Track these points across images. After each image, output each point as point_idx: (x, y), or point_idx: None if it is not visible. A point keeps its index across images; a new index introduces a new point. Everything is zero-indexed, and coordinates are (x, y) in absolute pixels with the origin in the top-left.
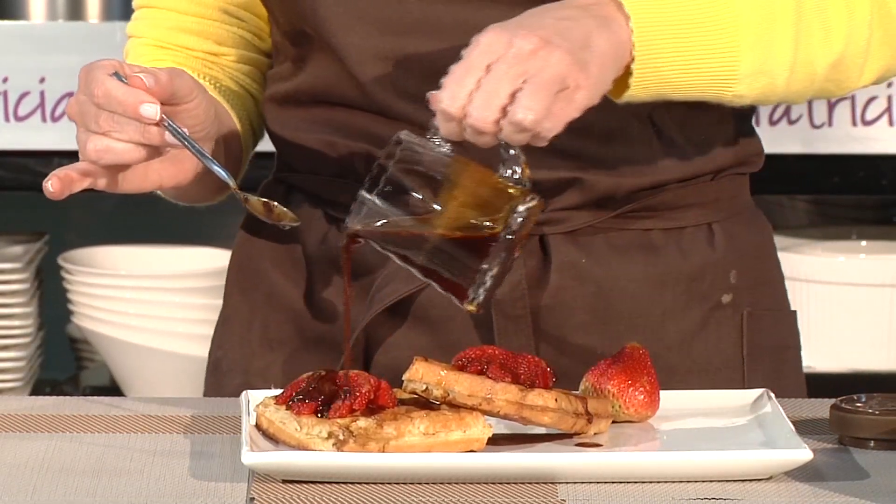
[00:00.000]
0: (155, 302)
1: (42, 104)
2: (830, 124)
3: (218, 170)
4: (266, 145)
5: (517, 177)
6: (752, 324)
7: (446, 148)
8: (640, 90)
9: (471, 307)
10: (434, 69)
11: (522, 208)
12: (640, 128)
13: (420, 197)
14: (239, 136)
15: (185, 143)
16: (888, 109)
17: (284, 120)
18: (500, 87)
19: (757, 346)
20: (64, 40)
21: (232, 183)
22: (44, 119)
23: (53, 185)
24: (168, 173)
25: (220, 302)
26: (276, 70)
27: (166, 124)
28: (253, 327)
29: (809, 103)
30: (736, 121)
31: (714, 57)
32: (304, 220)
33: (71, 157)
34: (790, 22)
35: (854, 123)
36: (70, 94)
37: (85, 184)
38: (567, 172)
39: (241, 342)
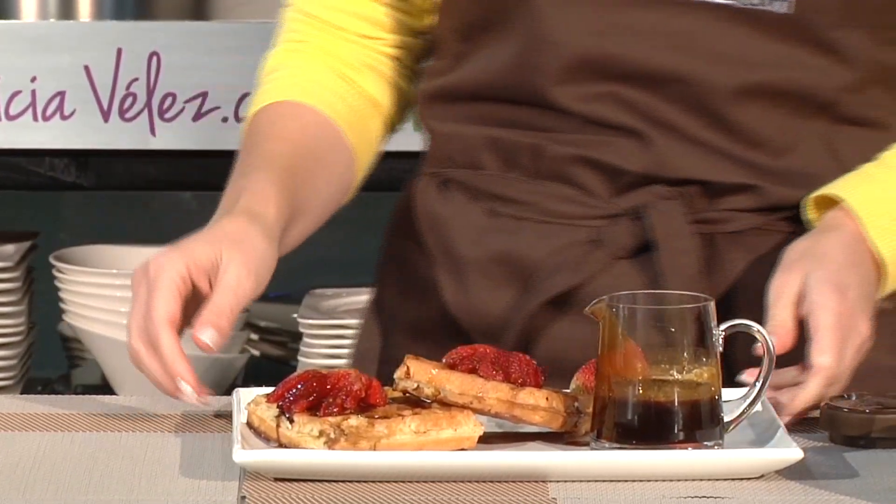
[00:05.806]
0: None
1: (33, 103)
2: None
3: None
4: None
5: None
6: None
7: None
8: None
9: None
10: (622, 73)
11: None
12: (815, 145)
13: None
14: (349, 161)
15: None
16: None
17: (443, 114)
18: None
19: None
20: (55, 39)
21: None
22: (35, 118)
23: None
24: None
25: None
26: (435, 64)
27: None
28: (398, 320)
29: None
30: None
31: None
32: (461, 214)
33: (61, 155)
34: None
35: None
36: (61, 94)
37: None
38: (743, 179)
39: (383, 332)
